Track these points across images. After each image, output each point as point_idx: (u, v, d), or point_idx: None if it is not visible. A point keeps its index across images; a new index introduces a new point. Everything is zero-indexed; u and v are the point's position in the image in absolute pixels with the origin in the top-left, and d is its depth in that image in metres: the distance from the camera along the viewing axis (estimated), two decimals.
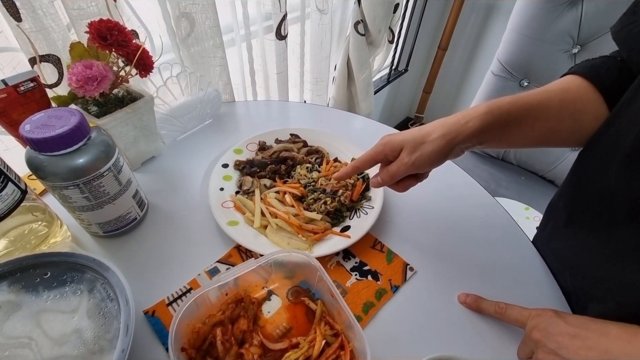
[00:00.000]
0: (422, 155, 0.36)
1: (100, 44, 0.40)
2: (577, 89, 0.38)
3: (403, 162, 0.37)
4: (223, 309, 0.36)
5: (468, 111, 0.37)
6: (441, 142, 0.36)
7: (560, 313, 0.33)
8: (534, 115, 0.37)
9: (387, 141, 0.39)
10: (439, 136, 0.36)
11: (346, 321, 0.34)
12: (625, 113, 0.34)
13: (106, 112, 0.45)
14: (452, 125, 0.36)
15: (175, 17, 0.58)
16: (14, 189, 0.35)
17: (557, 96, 0.38)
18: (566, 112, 0.38)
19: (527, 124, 0.37)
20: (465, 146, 0.37)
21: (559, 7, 0.81)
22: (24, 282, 0.33)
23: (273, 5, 0.68)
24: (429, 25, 1.50)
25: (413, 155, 0.37)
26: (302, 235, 0.44)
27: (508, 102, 0.37)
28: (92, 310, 0.32)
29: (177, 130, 0.59)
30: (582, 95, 0.38)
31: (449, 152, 0.36)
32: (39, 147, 0.33)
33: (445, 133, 0.36)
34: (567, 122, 0.38)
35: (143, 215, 0.46)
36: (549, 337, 0.31)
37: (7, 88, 0.38)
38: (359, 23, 0.97)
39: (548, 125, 0.38)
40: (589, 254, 0.38)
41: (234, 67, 0.73)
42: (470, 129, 0.35)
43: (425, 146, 0.36)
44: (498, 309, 0.38)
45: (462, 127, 0.36)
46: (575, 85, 0.38)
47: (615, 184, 0.34)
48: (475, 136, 0.36)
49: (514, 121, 0.37)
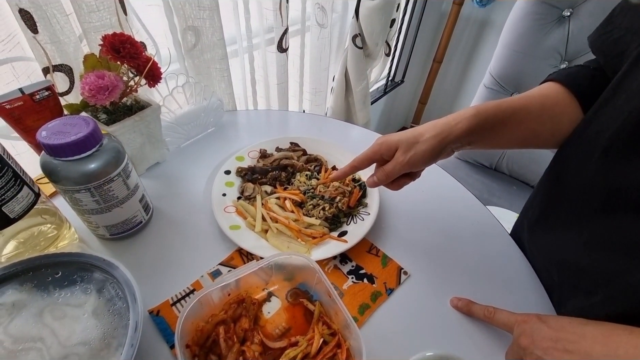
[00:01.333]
0: (416, 154, 0.39)
1: (113, 56, 0.42)
2: (555, 95, 0.42)
3: (398, 160, 0.40)
4: (225, 308, 0.38)
5: (458, 113, 0.40)
6: (433, 141, 0.38)
7: (543, 317, 0.35)
8: (517, 118, 0.41)
9: (382, 141, 0.41)
10: (432, 136, 0.39)
11: (343, 321, 0.36)
12: (602, 112, 0.37)
13: (115, 120, 0.47)
14: (443, 126, 0.39)
15: (181, 30, 0.60)
16: (29, 192, 0.37)
17: (537, 101, 0.42)
18: (546, 116, 0.41)
19: (511, 125, 0.41)
20: (455, 146, 0.40)
21: (547, 25, 0.86)
22: (36, 281, 0.35)
23: (275, 20, 0.71)
24: (425, 39, 1.55)
25: (407, 154, 0.39)
26: (302, 240, 0.46)
27: (494, 106, 0.40)
28: (101, 309, 0.34)
29: (181, 138, 0.61)
30: (560, 101, 0.42)
31: (440, 151, 0.39)
32: (55, 152, 0.35)
33: (437, 133, 0.39)
34: (547, 124, 0.42)
35: (148, 218, 0.48)
36: (535, 344, 0.33)
37: (23, 96, 0.40)
38: (357, 36, 1.01)
39: (530, 127, 0.41)
40: (570, 246, 0.40)
41: (236, 78, 0.76)
42: (460, 130, 0.38)
43: (419, 145, 0.39)
44: (487, 313, 0.39)
45: (452, 127, 0.39)
46: (554, 91, 0.42)
47: (592, 178, 0.36)
48: (464, 136, 0.39)
49: (500, 123, 0.40)
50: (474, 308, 0.41)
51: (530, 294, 0.44)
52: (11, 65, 0.46)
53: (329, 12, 0.83)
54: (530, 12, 0.86)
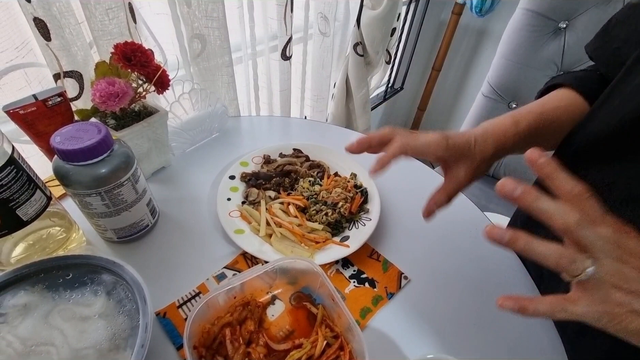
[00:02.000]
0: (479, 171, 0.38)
1: (125, 64, 0.43)
2: (575, 104, 0.44)
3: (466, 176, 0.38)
4: (231, 311, 0.39)
5: (500, 127, 0.40)
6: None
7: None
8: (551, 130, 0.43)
9: (451, 142, 0.37)
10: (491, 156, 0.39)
11: (346, 324, 0.37)
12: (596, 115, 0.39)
13: (123, 125, 0.48)
14: (496, 145, 0.39)
15: (188, 38, 0.62)
16: (41, 195, 0.38)
17: (564, 112, 0.43)
18: (571, 125, 0.43)
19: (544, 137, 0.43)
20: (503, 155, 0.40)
21: (544, 36, 0.88)
22: (47, 283, 0.36)
23: (279, 28, 0.72)
24: (424, 47, 1.58)
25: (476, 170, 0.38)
26: (305, 244, 0.47)
27: (534, 118, 0.41)
28: (111, 310, 0.35)
29: (186, 143, 0.62)
30: (579, 109, 0.43)
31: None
32: (68, 157, 0.37)
33: (494, 154, 0.39)
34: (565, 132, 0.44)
35: (154, 222, 0.49)
36: None
37: (37, 102, 0.41)
38: (358, 45, 1.03)
39: (559, 137, 0.44)
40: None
41: (240, 84, 0.78)
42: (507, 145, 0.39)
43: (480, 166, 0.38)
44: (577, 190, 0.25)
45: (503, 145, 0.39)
46: (574, 100, 0.44)
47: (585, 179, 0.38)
48: (512, 148, 0.40)
49: (537, 135, 0.41)
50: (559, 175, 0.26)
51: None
52: (24, 71, 0.47)
53: (332, 21, 0.84)
54: (527, 24, 0.88)
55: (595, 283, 0.24)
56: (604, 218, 0.24)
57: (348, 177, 0.57)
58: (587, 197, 0.25)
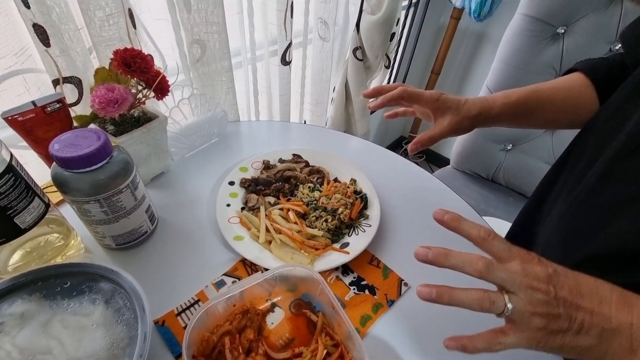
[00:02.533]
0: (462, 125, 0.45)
1: (124, 70, 0.43)
2: (579, 87, 0.46)
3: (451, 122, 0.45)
4: (230, 319, 0.38)
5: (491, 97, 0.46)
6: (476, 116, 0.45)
7: (554, 267, 0.28)
8: (542, 108, 0.46)
9: (440, 97, 0.45)
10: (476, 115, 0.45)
11: (346, 332, 0.37)
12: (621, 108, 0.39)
13: (122, 131, 0.48)
14: (483, 102, 0.46)
15: (188, 43, 0.62)
16: (40, 203, 0.38)
17: (562, 93, 0.46)
18: (568, 106, 0.46)
19: (536, 114, 0.46)
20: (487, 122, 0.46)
21: (542, 41, 0.88)
22: (44, 291, 0.35)
23: (279, 34, 0.73)
24: (423, 51, 1.58)
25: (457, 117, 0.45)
26: (305, 251, 0.47)
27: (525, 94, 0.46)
28: (109, 319, 0.34)
29: (186, 148, 0.62)
30: (582, 92, 0.45)
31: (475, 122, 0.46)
32: (66, 165, 0.36)
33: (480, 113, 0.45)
34: (567, 114, 0.46)
35: (153, 228, 0.48)
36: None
37: (35, 109, 0.41)
38: (358, 49, 1.03)
39: (551, 116, 0.47)
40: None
41: (239, 89, 0.78)
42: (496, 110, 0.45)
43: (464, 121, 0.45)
44: (483, 234, 0.29)
45: (490, 106, 0.45)
46: (578, 83, 0.46)
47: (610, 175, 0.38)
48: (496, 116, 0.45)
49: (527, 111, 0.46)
50: (465, 225, 0.31)
51: None
52: (23, 77, 0.47)
53: (331, 26, 0.85)
54: (525, 29, 0.89)
55: (517, 315, 0.27)
56: (510, 253, 0.28)
57: (348, 182, 0.57)
58: (492, 237, 0.29)
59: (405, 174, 0.65)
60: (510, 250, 0.28)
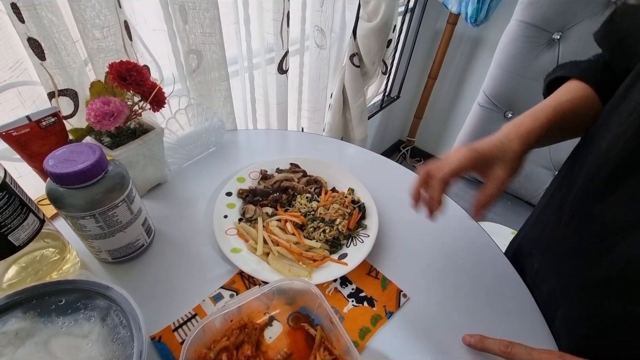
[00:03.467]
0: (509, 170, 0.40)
1: (120, 83, 0.43)
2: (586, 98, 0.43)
3: (501, 178, 0.40)
4: (228, 334, 0.38)
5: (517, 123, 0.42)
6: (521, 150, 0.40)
7: (567, 358, 0.33)
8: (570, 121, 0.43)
9: (479, 155, 0.40)
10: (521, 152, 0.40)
11: (344, 346, 0.36)
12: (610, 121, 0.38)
13: (118, 144, 0.48)
14: (522, 139, 0.40)
15: (184, 53, 0.62)
16: (34, 219, 0.37)
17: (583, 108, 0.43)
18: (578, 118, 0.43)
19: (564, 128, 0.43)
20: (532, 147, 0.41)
21: (538, 47, 0.89)
22: (39, 309, 0.35)
23: (276, 43, 0.73)
24: (420, 56, 1.59)
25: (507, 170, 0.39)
26: (303, 263, 0.46)
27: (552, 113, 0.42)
28: (105, 337, 0.34)
29: (183, 158, 0.62)
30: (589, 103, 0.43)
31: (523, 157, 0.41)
32: (61, 181, 0.36)
33: (521, 148, 0.40)
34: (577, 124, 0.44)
35: (150, 241, 0.48)
36: None
37: (30, 123, 0.41)
38: (355, 55, 1.03)
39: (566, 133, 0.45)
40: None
41: (236, 97, 0.78)
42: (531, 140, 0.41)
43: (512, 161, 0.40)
44: (503, 347, 0.37)
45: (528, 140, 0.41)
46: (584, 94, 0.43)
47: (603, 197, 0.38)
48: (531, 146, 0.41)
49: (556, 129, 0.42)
50: (488, 343, 0.39)
51: (524, 313, 0.45)
52: (17, 91, 0.47)
53: (328, 33, 0.85)
54: (521, 35, 0.89)
55: None
56: (530, 357, 0.35)
57: (345, 192, 0.57)
58: (511, 347, 0.37)
59: (404, 182, 0.65)
60: (530, 354, 0.35)
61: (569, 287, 0.41)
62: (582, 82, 0.44)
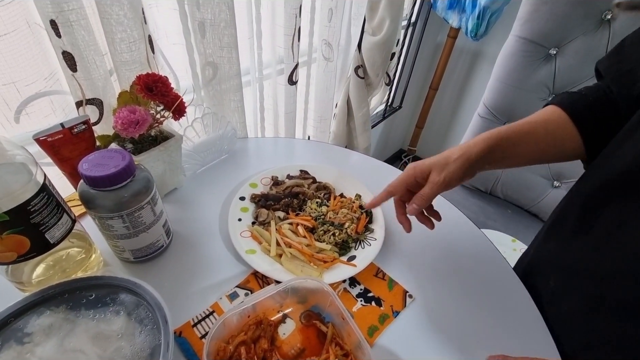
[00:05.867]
0: (449, 172, 0.43)
1: (147, 94, 0.46)
2: (557, 119, 0.46)
3: (434, 181, 0.44)
4: (245, 330, 0.40)
5: (476, 137, 0.46)
6: (460, 161, 0.44)
7: None
8: (526, 140, 0.46)
9: (415, 166, 0.46)
10: (458, 157, 0.44)
11: (355, 342, 0.38)
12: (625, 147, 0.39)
13: (140, 150, 0.51)
14: (465, 148, 0.45)
15: (201, 65, 0.65)
16: (67, 219, 0.40)
17: (541, 126, 0.47)
18: (550, 138, 0.46)
19: (521, 147, 0.46)
20: (477, 166, 0.45)
21: (535, 62, 0.93)
22: (71, 303, 0.37)
23: (287, 56, 0.76)
24: (422, 67, 1.64)
25: (442, 174, 0.44)
26: (314, 264, 0.49)
27: (505, 130, 0.45)
28: (132, 330, 0.36)
29: (198, 164, 0.65)
30: (561, 124, 0.46)
31: (467, 169, 0.44)
32: (94, 183, 0.39)
33: (461, 154, 0.44)
34: (552, 146, 0.46)
35: (169, 242, 0.51)
36: None
37: (63, 130, 0.44)
38: (359, 67, 1.07)
39: (538, 149, 0.46)
40: None
41: (248, 106, 0.81)
42: (477, 150, 0.44)
43: (449, 166, 0.44)
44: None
45: (471, 149, 0.44)
46: (556, 115, 0.47)
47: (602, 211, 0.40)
48: (482, 156, 0.44)
49: (511, 145, 0.45)
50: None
51: (524, 313, 0.48)
52: (50, 100, 0.50)
53: (335, 47, 0.89)
54: (519, 49, 0.93)
55: None
56: None
57: (353, 197, 0.60)
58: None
59: None
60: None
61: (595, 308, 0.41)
62: (559, 109, 0.47)
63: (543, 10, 0.87)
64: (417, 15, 1.37)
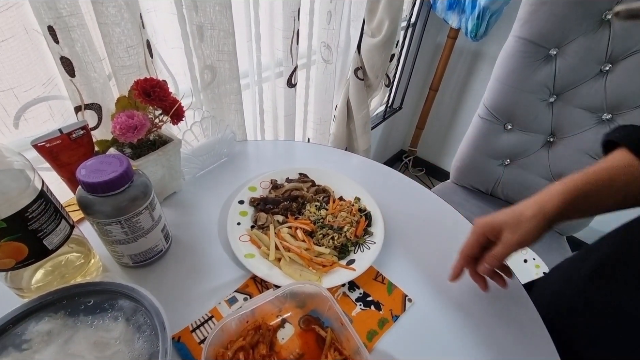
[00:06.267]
0: (524, 232, 0.41)
1: (144, 99, 0.46)
2: (630, 167, 0.41)
3: (508, 243, 0.41)
4: (243, 335, 0.40)
5: (547, 191, 0.42)
6: (536, 220, 0.41)
7: None
8: (604, 194, 0.42)
9: (485, 224, 0.44)
10: (532, 215, 0.41)
11: (354, 347, 0.38)
12: None
13: (139, 154, 0.51)
14: (540, 203, 0.41)
15: (200, 69, 0.65)
16: (65, 225, 0.40)
17: (621, 179, 0.41)
18: (632, 187, 0.41)
19: (598, 200, 0.42)
20: (554, 223, 0.41)
21: (535, 62, 0.92)
22: (69, 309, 0.37)
23: (286, 59, 0.76)
24: (422, 68, 1.63)
25: (515, 234, 0.41)
26: (313, 268, 0.49)
27: (582, 182, 0.41)
28: (131, 336, 0.36)
29: (197, 168, 0.65)
30: (631, 173, 0.41)
31: (544, 228, 0.41)
32: (92, 189, 0.39)
33: (536, 213, 0.41)
34: (630, 197, 0.42)
35: (168, 247, 0.51)
36: None
37: (62, 135, 0.44)
38: (359, 69, 1.07)
39: (615, 201, 0.42)
40: None
41: (246, 109, 0.81)
42: (552, 207, 0.40)
43: (524, 225, 0.41)
44: None
45: (546, 205, 0.41)
46: (630, 163, 0.41)
47: None
48: (558, 213, 0.40)
49: (587, 199, 0.41)
50: None
51: (524, 318, 0.47)
52: (48, 105, 0.50)
53: (334, 49, 0.89)
54: (519, 50, 0.93)
55: None
56: None
57: (352, 200, 0.59)
58: None
59: (406, 191, 0.67)
60: None
61: None
62: (629, 153, 0.41)
63: (543, 11, 0.87)
64: (417, 16, 1.37)
